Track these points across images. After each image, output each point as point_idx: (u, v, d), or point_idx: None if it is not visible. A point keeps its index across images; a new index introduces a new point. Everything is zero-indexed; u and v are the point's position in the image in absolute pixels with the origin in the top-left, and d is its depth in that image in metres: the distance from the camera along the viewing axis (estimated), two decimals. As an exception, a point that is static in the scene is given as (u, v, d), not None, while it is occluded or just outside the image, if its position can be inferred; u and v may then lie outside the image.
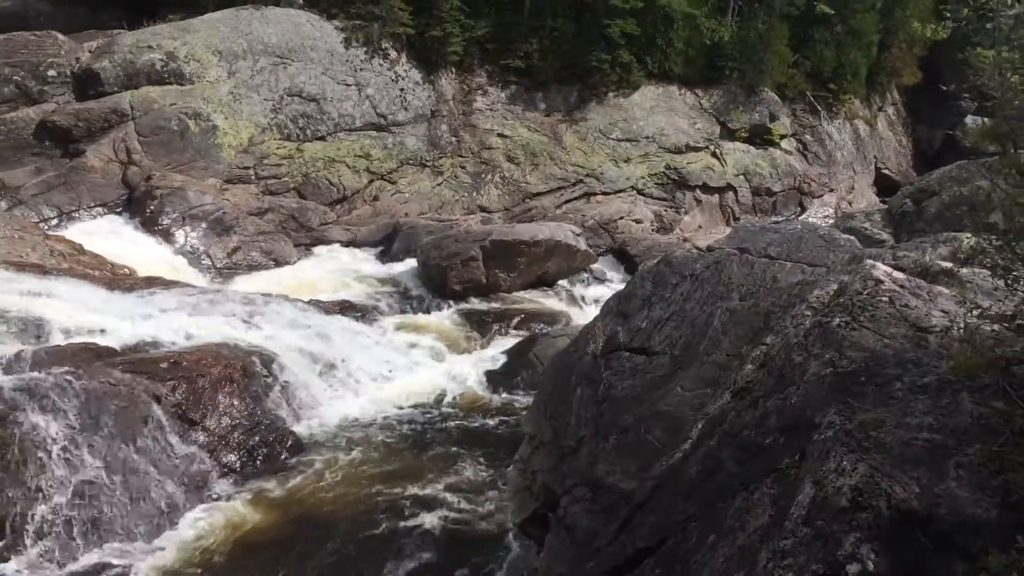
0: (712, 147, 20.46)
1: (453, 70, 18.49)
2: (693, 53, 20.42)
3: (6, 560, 6.87)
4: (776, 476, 3.56)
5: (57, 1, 18.19)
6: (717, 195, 20.28)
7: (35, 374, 7.81)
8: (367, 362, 10.69)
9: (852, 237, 8.12)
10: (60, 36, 15.05)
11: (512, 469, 6.83)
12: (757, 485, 3.63)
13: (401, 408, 10.02)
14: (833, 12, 21.61)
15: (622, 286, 12.11)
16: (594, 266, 15.72)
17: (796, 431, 3.74)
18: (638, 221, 18.06)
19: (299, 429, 9.25)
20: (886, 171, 24.86)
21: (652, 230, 18.43)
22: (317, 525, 7.57)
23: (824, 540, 3.04)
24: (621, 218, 17.89)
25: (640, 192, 19.29)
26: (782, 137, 21.62)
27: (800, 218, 20.12)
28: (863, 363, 3.93)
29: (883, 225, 15.86)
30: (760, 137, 21.23)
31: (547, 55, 18.72)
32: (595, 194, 18.78)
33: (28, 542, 6.95)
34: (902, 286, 4.69)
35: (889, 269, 5.01)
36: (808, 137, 22.38)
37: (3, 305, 8.89)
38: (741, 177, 20.54)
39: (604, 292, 14.09)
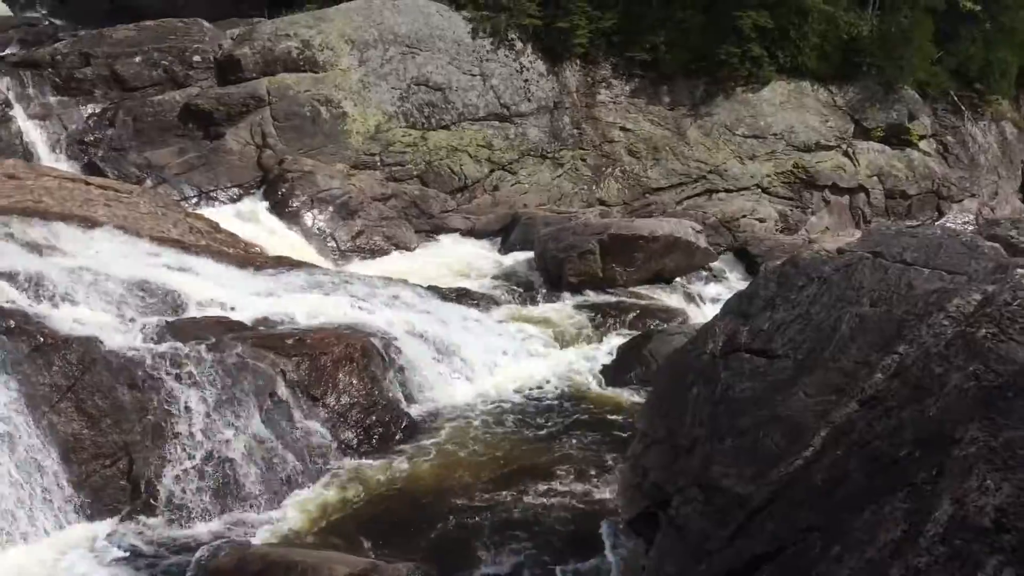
0: (844, 146, 19.65)
1: (578, 62, 18.40)
2: (828, 48, 19.63)
3: (140, 517, 7.31)
4: (910, 490, 3.39)
5: (203, -10, 19.13)
6: (847, 196, 19.48)
7: (173, 344, 8.26)
8: (481, 349, 10.80)
9: (996, 245, 7.63)
10: (205, 23, 15.80)
11: (623, 465, 6.77)
12: (888, 498, 3.46)
13: (512, 396, 10.09)
14: (980, 8, 20.37)
15: (742, 286, 11.82)
16: (713, 264, 15.40)
17: (933, 445, 3.54)
18: (761, 220, 17.58)
19: (413, 411, 9.45)
20: (1034, 177, 23.31)
21: (776, 230, 17.91)
22: (426, 505, 7.73)
23: (962, 561, 2.87)
24: (744, 216, 17.46)
25: (765, 190, 18.74)
26: (921, 138, 20.55)
27: (938, 223, 19.11)
28: (1011, 377, 3.69)
29: (1030, 233, 14.90)
30: (897, 137, 20.23)
31: (674, 48, 18.37)
32: (717, 191, 18.37)
33: (161, 503, 7.38)
34: (1056, 298, 4.38)
35: (1041, 280, 4.69)
36: (949, 138, 21.18)
37: (147, 277, 9.42)
38: (874, 178, 19.66)
39: (723, 291, 13.79)
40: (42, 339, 7.52)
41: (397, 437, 8.92)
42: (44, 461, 7.03)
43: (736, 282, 14.98)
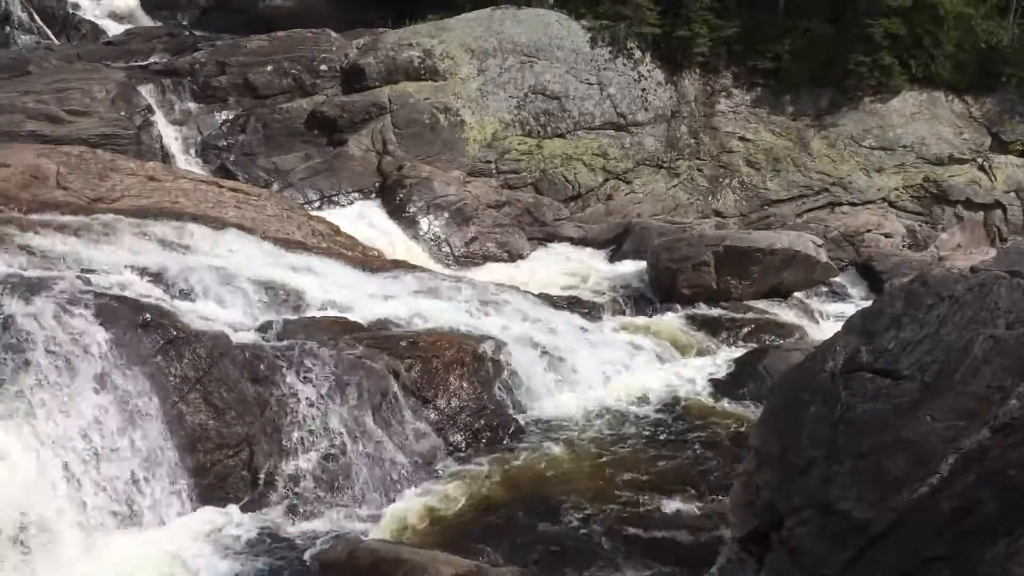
0: (980, 160, 18.64)
1: (697, 71, 18.13)
2: (964, 56, 18.69)
3: (257, 508, 7.61)
4: (1050, 525, 3.17)
5: (332, 1, 19.84)
6: (982, 212, 18.46)
7: (293, 341, 8.57)
8: (590, 359, 10.75)
9: None
10: (333, 33, 16.39)
11: (736, 482, 6.61)
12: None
13: (621, 407, 9.99)
14: None
15: (865, 303, 11.40)
16: (834, 280, 14.89)
17: (1077, 478, 3.32)
18: (887, 235, 16.87)
19: (521, 418, 9.49)
20: None
21: (903, 246, 17.15)
22: (532, 512, 7.73)
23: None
24: (868, 231, 16.79)
25: (892, 205, 17.97)
26: (1065, 152, 19.31)
27: (1082, 243, 17.89)
28: None
29: None
30: (1038, 151, 19.08)
31: (799, 56, 17.86)
32: (841, 204, 17.72)
33: (277, 495, 7.66)
34: None
35: None
36: (1096, 153, 19.80)
37: (272, 277, 9.82)
38: (1012, 194, 18.56)
39: (844, 308, 13.34)
40: (175, 333, 7.93)
41: (504, 442, 8.97)
42: (172, 449, 7.41)
43: (859, 299, 14.45)
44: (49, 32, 18.42)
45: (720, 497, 7.82)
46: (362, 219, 14.33)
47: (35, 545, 6.49)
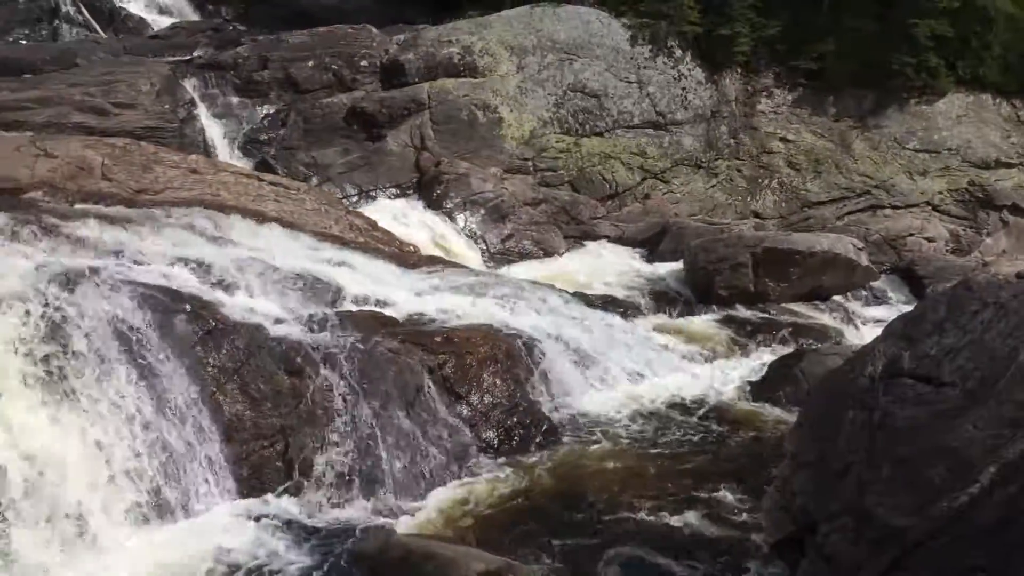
0: (1027, 164, 18.29)
1: (738, 70, 17.96)
2: (1013, 59, 18.32)
3: (291, 499, 7.69)
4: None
5: (373, -3, 20.00)
6: (1028, 217, 18.11)
7: (329, 335, 8.64)
8: (624, 358, 10.71)
9: None
10: (373, 29, 16.48)
11: (770, 487, 6.55)
12: (1068, 545, 3.18)
13: (655, 408, 9.94)
14: None
15: (905, 308, 11.23)
16: (875, 284, 14.67)
17: (1125, 491, 3.23)
18: (930, 240, 16.60)
19: (554, 416, 9.47)
20: None
21: (946, 251, 16.86)
22: (563, 511, 7.73)
23: None
24: (911, 235, 16.53)
25: (935, 208, 17.68)
26: (1118, 157, 18.83)
27: None
28: None
29: None
30: (1090, 156, 18.63)
31: (843, 56, 17.61)
32: (883, 207, 17.46)
33: (311, 486, 7.73)
34: None
35: None
36: None
37: (309, 270, 9.91)
38: (1060, 199, 18.18)
39: (884, 313, 13.14)
40: (214, 323, 8.04)
41: (537, 440, 8.96)
42: (209, 438, 7.52)
43: (900, 304, 14.24)
44: (96, 25, 18.75)
45: (754, 501, 7.75)
46: (399, 214, 14.40)
47: (73, 534, 6.62)
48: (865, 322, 13.37)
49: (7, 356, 6.91)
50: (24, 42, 17.46)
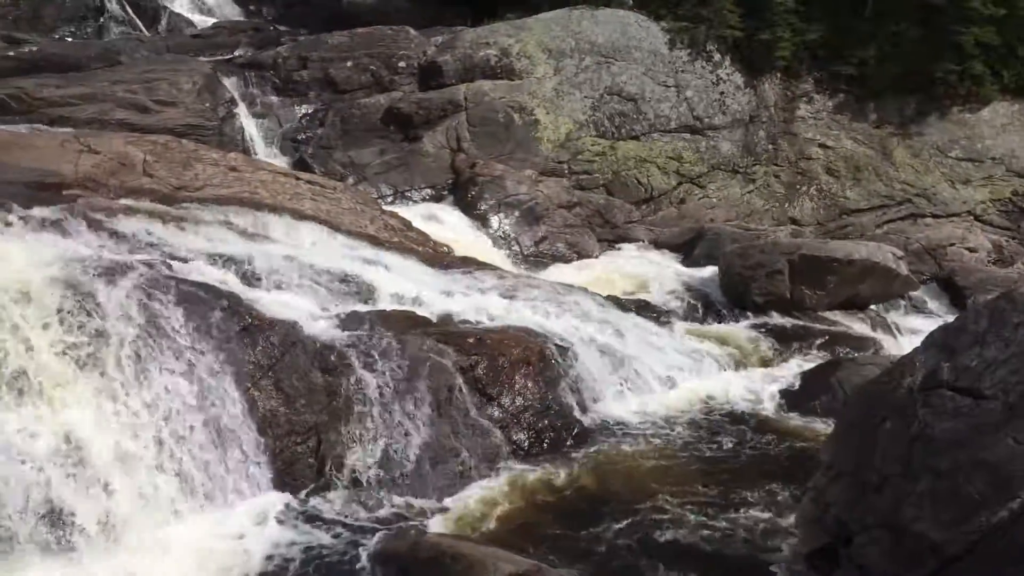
0: (1074, 174, 17.90)
1: (778, 75, 17.79)
2: (1061, 67, 17.99)
3: (323, 495, 7.74)
4: None
5: (412, -1, 20.11)
6: (1074, 229, 17.72)
7: (363, 333, 8.69)
8: (657, 364, 10.65)
9: None
10: (412, 31, 16.56)
11: (805, 497, 6.48)
12: (1114, 565, 3.10)
13: (687, 414, 9.87)
14: None
15: (945, 318, 11.05)
16: (914, 294, 14.43)
17: None
18: (972, 250, 16.31)
19: (585, 419, 9.45)
20: None
21: (988, 261, 16.55)
22: (592, 515, 7.70)
23: None
24: (952, 245, 16.26)
25: (978, 218, 17.38)
26: None
27: None
28: None
29: None
30: None
31: (884, 62, 17.38)
32: (923, 216, 17.20)
33: (342, 483, 7.79)
34: None
35: None
36: None
37: (344, 269, 9.98)
38: (1107, 211, 17.78)
39: (923, 323, 12.91)
40: (250, 320, 8.12)
41: (568, 444, 8.94)
42: (244, 433, 7.59)
43: (939, 315, 13.97)
44: (140, 24, 19.06)
45: (786, 511, 7.66)
46: (433, 215, 14.45)
47: (108, 525, 6.72)
48: (903, 332, 13.16)
49: (47, 347, 7.04)
50: (70, 39, 17.79)
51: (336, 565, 6.82)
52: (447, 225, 14.29)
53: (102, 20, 18.62)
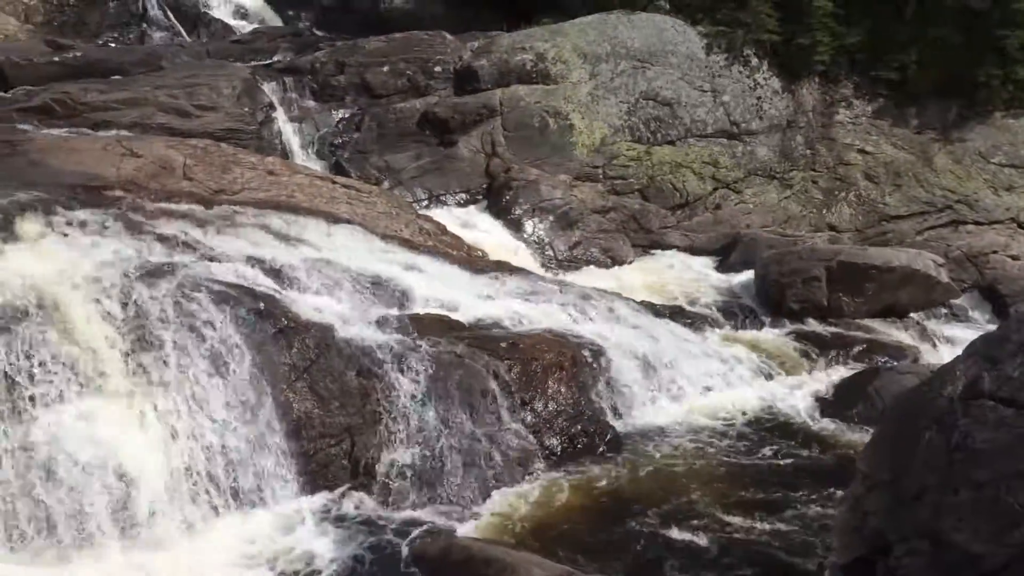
0: (1121, 181, 17.48)
1: (816, 80, 17.59)
2: (1108, 71, 17.58)
3: (356, 497, 7.79)
4: None
5: (448, 3, 20.15)
6: (1120, 237, 17.31)
7: (397, 337, 8.74)
8: (691, 370, 10.58)
9: None
10: (448, 36, 16.62)
11: (842, 506, 6.39)
12: None
13: (722, 421, 9.80)
14: None
15: (987, 327, 10.84)
16: (955, 302, 14.19)
17: None
18: (1015, 258, 15.98)
19: (618, 425, 9.42)
20: None
21: (1032, 269, 16.24)
22: (624, 522, 7.67)
23: None
24: (994, 252, 15.95)
25: (1021, 225, 17.01)
26: None
27: None
28: None
29: None
30: None
31: (925, 67, 17.10)
32: (965, 223, 16.88)
33: (375, 485, 7.83)
34: None
35: None
36: None
37: (379, 272, 10.04)
38: None
39: (964, 332, 12.68)
40: (285, 322, 8.21)
41: (600, 450, 8.92)
42: (279, 435, 7.67)
43: (981, 323, 13.76)
44: (182, 29, 19.37)
45: (822, 520, 7.57)
46: (468, 219, 14.49)
47: (143, 525, 6.82)
48: (943, 341, 12.95)
49: (95, 347, 7.18)
50: (113, 44, 18.14)
51: (368, 567, 6.87)
52: (481, 229, 14.31)
53: (144, 26, 18.97)
